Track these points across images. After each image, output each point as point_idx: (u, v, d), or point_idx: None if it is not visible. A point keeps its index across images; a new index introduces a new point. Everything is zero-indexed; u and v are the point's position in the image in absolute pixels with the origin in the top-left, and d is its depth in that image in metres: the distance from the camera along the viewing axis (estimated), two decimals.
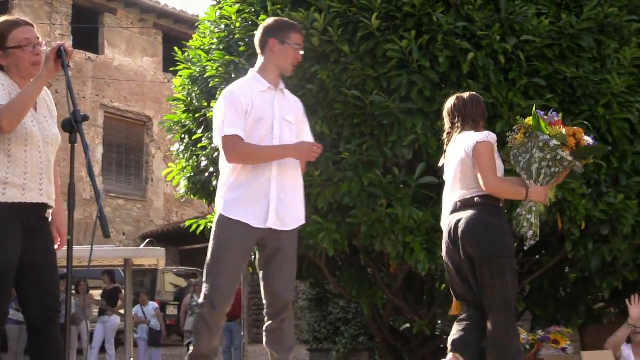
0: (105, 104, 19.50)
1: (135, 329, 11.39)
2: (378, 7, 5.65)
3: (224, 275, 3.83)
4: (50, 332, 3.43)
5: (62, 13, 18.86)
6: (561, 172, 4.34)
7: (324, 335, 11.55)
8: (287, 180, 3.95)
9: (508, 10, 5.63)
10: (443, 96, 5.56)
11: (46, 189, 3.47)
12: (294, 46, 4.03)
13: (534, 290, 7.21)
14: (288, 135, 3.98)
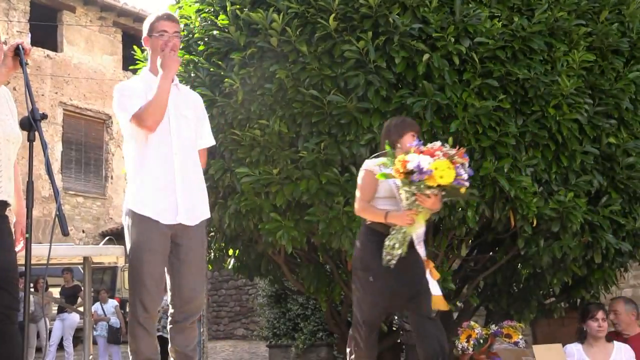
0: (64, 101, 19.24)
1: (94, 326, 11.27)
2: (335, 8, 5.67)
3: (147, 278, 3.77)
4: (8, 330, 3.38)
5: (19, 10, 18.54)
6: (417, 198, 4.22)
7: (283, 332, 11.58)
8: (189, 175, 3.91)
9: (462, 12, 5.69)
10: (399, 96, 5.62)
11: (5, 186, 3.43)
12: (156, 34, 3.94)
13: (487, 286, 7.32)
14: (185, 131, 3.94)
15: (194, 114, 4.04)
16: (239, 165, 5.92)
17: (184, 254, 3.85)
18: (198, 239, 3.93)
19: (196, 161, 3.98)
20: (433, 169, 4.12)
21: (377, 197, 4.55)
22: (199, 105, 4.16)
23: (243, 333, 16.82)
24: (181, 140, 3.90)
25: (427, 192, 4.18)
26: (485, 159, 5.66)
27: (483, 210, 5.79)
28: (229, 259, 7.54)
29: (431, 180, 4.13)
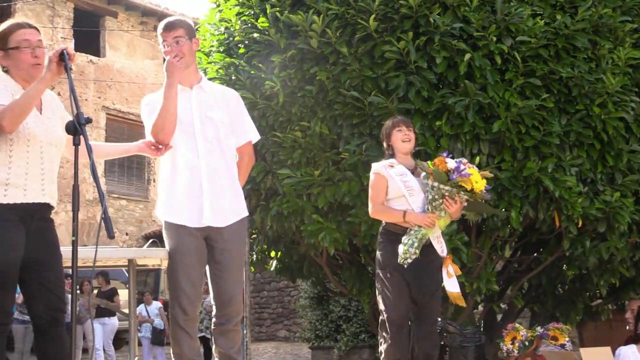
0: (107, 106, 19.50)
1: (139, 328, 11.39)
2: (376, 8, 5.66)
3: (183, 281, 3.78)
4: (56, 332, 3.44)
5: (63, 16, 18.87)
6: (444, 202, 4.36)
7: (326, 333, 11.57)
8: (219, 179, 3.86)
9: (504, 11, 5.64)
10: (440, 96, 5.59)
11: (48, 189, 3.48)
12: (161, 47, 3.95)
13: (532, 288, 7.24)
14: (211, 132, 3.88)
15: (225, 112, 3.97)
16: (281, 167, 5.95)
17: (219, 255, 3.84)
18: (234, 240, 3.89)
19: (228, 161, 3.93)
20: (471, 173, 4.32)
21: (388, 198, 4.56)
22: (232, 102, 4.07)
23: (285, 335, 16.86)
24: (207, 143, 3.86)
25: (457, 197, 4.33)
26: (528, 159, 5.61)
27: (527, 211, 5.73)
28: (271, 261, 7.57)
29: (467, 182, 4.30)
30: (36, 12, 17.76)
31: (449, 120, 5.59)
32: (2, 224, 3.30)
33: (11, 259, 3.30)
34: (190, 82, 3.94)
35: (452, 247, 5.55)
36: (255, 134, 4.16)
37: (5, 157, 3.34)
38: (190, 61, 3.94)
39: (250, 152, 4.14)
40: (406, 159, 4.63)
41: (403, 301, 4.52)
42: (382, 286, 4.57)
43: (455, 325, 6.00)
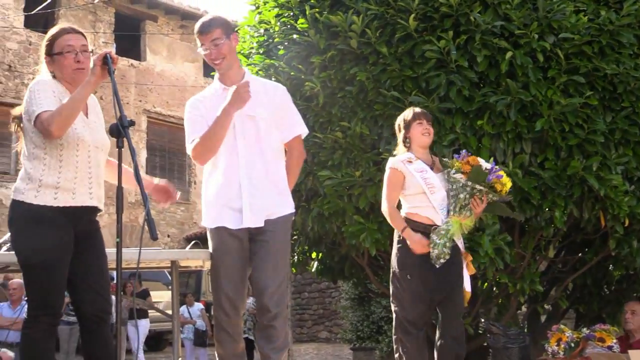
0: (148, 109, 19.72)
1: (181, 330, 11.48)
2: (415, 8, 5.64)
3: (223, 281, 3.77)
4: (102, 332, 3.49)
5: (105, 21, 19.14)
6: (472, 201, 4.37)
7: (367, 334, 11.57)
8: (258, 178, 3.81)
9: (546, 8, 5.57)
10: (482, 95, 5.55)
11: (96, 192, 3.53)
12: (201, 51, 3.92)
13: (577, 288, 7.14)
14: (251, 131, 3.84)
15: (268, 109, 3.90)
16: (321, 168, 5.95)
17: (258, 246, 3.80)
18: (274, 232, 3.80)
19: (267, 159, 3.86)
20: (502, 175, 4.37)
21: (407, 194, 4.52)
22: (277, 97, 4.00)
23: (326, 336, 16.88)
24: (246, 142, 3.84)
25: (484, 197, 4.35)
26: (572, 157, 5.53)
27: (571, 210, 5.64)
28: (312, 262, 7.57)
29: (499, 183, 4.34)
30: (78, 18, 18.03)
31: (490, 119, 5.54)
32: (52, 227, 3.36)
33: (61, 260, 3.36)
34: (232, 81, 3.89)
35: (495, 247, 5.50)
36: (303, 128, 4.08)
37: (55, 161, 3.40)
38: (232, 61, 3.92)
39: (300, 147, 4.07)
40: (424, 153, 4.58)
41: (420, 303, 4.49)
42: (399, 286, 4.52)
43: (499, 326, 5.94)
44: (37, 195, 3.37)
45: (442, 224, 4.39)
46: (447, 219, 4.41)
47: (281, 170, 3.93)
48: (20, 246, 3.40)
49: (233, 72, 3.91)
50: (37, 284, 3.37)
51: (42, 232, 3.35)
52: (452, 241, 4.39)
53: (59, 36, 3.56)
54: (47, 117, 3.28)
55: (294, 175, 4.09)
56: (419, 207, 4.47)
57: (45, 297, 3.37)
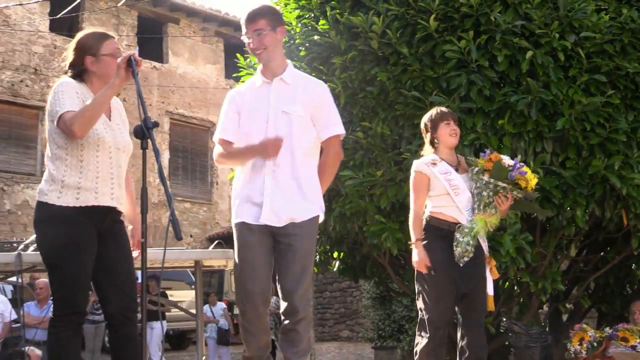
0: (171, 110, 19.81)
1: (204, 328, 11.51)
2: (436, 8, 5.63)
3: (245, 277, 3.66)
4: (129, 331, 3.51)
5: (128, 24, 19.25)
6: (497, 199, 4.33)
7: (388, 333, 11.54)
8: (284, 175, 3.67)
9: (567, 7, 5.54)
10: (502, 95, 5.52)
11: (117, 193, 3.56)
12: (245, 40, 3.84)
13: (599, 287, 7.08)
14: (284, 128, 3.68)
15: (304, 106, 3.75)
16: (343, 168, 5.92)
17: (282, 250, 3.67)
18: (299, 236, 3.65)
19: (296, 157, 3.70)
20: (526, 171, 4.32)
21: (432, 195, 4.49)
22: (316, 95, 3.81)
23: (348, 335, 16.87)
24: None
25: (509, 195, 4.31)
26: (594, 156, 5.49)
27: (593, 209, 5.61)
28: (334, 262, 7.57)
29: (523, 180, 4.29)
30: (102, 21, 18.16)
31: (511, 119, 5.52)
32: (75, 227, 3.39)
33: (84, 260, 3.39)
34: (273, 74, 3.80)
35: (517, 247, 5.48)
36: (340, 128, 3.87)
37: (76, 162, 3.43)
38: (274, 53, 3.78)
39: (336, 147, 3.88)
40: (450, 154, 4.54)
41: (445, 301, 4.44)
42: (424, 285, 4.48)
43: (521, 325, 5.92)
44: (59, 196, 3.39)
45: (467, 223, 4.37)
46: (472, 217, 4.39)
47: (311, 171, 3.78)
48: (44, 246, 3.43)
49: (275, 64, 3.79)
50: (61, 283, 3.40)
51: (65, 233, 3.37)
52: (476, 240, 4.37)
53: (107, 38, 3.61)
54: (70, 117, 3.31)
55: (329, 175, 3.94)
56: (444, 206, 4.44)
57: (70, 297, 3.39)
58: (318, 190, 3.81)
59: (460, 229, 4.35)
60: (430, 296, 4.45)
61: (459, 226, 4.37)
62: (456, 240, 4.34)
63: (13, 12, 17.43)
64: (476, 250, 4.37)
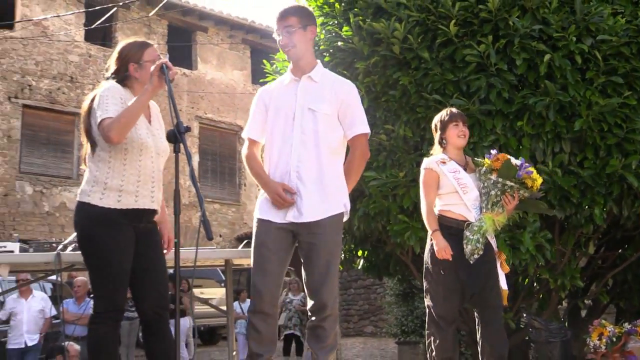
0: (200, 115, 19.91)
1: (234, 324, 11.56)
2: (455, 14, 5.60)
3: (257, 274, 3.57)
4: (162, 327, 3.53)
5: (159, 33, 19.39)
6: (504, 198, 4.33)
7: (411, 329, 11.49)
8: (308, 173, 3.59)
9: (583, 11, 5.49)
10: (521, 97, 5.49)
11: (156, 196, 3.58)
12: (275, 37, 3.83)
13: (617, 284, 7.00)
14: (310, 124, 3.61)
15: (331, 104, 3.67)
16: (367, 169, 5.91)
17: (306, 249, 3.59)
18: (323, 234, 3.57)
19: (322, 155, 3.62)
20: (532, 171, 4.31)
21: (440, 193, 4.47)
22: (342, 94, 3.72)
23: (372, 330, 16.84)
24: (303, 135, 3.62)
25: (515, 194, 4.29)
26: (611, 156, 5.43)
27: (610, 208, 5.55)
28: (358, 260, 7.57)
29: (529, 179, 4.28)
30: (134, 30, 18.30)
31: (530, 120, 5.47)
32: (116, 228, 3.41)
33: (123, 260, 3.41)
34: (302, 71, 3.74)
35: (536, 244, 5.44)
36: (366, 127, 3.77)
37: (120, 165, 3.45)
38: (304, 50, 3.72)
39: (362, 146, 3.77)
40: (458, 154, 4.53)
41: (453, 298, 4.43)
42: (432, 282, 4.46)
43: (541, 321, 5.87)
44: (102, 197, 3.41)
45: (475, 221, 4.35)
46: (480, 216, 4.37)
47: (337, 169, 3.70)
48: (85, 246, 3.45)
49: (304, 62, 3.74)
50: (101, 282, 3.43)
51: (106, 233, 3.40)
52: (485, 237, 4.35)
53: (148, 46, 3.67)
54: (108, 123, 3.34)
55: (356, 173, 3.86)
56: (452, 204, 4.43)
57: (110, 295, 3.42)
58: (343, 189, 3.73)
59: (470, 227, 4.33)
60: (438, 294, 4.43)
61: (468, 224, 4.36)
62: (466, 238, 4.32)
63: (51, 24, 17.62)
64: (485, 247, 4.36)
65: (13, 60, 17.20)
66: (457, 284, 4.40)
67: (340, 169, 3.75)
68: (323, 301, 3.55)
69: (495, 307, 4.46)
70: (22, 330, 8.84)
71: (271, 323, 3.60)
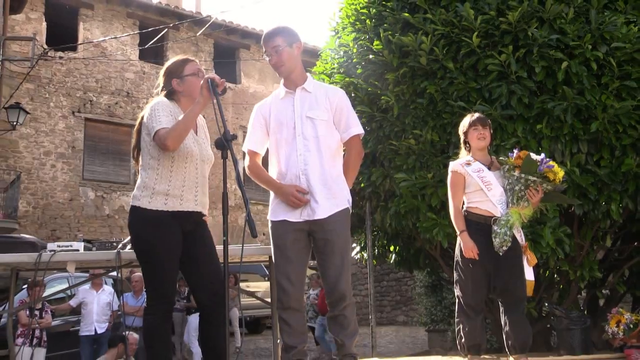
0: (244, 125, 20.01)
1: None
2: (478, 26, 5.55)
3: (281, 275, 3.56)
4: (217, 315, 3.49)
5: (205, 51, 19.57)
6: (528, 192, 4.26)
7: (440, 318, 11.41)
8: (314, 175, 3.58)
9: (598, 21, 5.39)
10: (540, 102, 5.41)
11: (201, 199, 3.59)
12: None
13: (633, 274, 6.86)
14: (310, 130, 3.61)
15: (326, 111, 3.67)
16: (397, 171, 5.91)
17: (321, 244, 3.56)
18: (334, 230, 3.55)
19: (324, 157, 3.62)
20: (553, 165, 4.26)
21: (467, 192, 4.43)
22: (335, 99, 3.72)
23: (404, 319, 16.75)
24: (305, 141, 3.61)
25: (539, 187, 4.23)
26: (626, 155, 5.33)
27: (626, 204, 5.44)
28: (390, 255, 7.53)
29: (551, 172, 4.22)
30: (183, 49, 18.49)
31: (549, 124, 5.39)
32: (164, 228, 3.43)
33: (171, 257, 3.43)
34: (295, 84, 3.74)
35: (556, 239, 5.35)
36: (358, 129, 3.76)
37: (167, 171, 3.47)
38: (293, 66, 3.71)
39: (357, 145, 3.78)
40: (482, 155, 4.49)
41: (480, 289, 4.40)
42: (462, 274, 4.44)
43: (562, 310, 5.78)
44: (150, 201, 3.43)
45: (502, 216, 4.30)
46: (507, 210, 4.32)
47: (337, 169, 3.70)
48: (137, 246, 3.48)
49: (295, 75, 3.73)
50: (152, 277, 3.44)
51: (154, 233, 3.42)
52: (512, 231, 4.29)
53: (187, 62, 3.67)
54: (164, 133, 3.36)
55: (353, 171, 3.86)
56: (478, 201, 4.40)
57: (160, 288, 3.44)
58: (345, 186, 3.72)
59: (498, 222, 4.29)
60: (467, 285, 4.41)
61: (494, 219, 4.31)
62: (494, 232, 4.28)
63: (109, 45, 17.89)
64: (512, 241, 4.30)
65: (76, 79, 17.50)
66: (484, 276, 4.37)
67: (340, 168, 3.74)
68: (342, 292, 3.53)
69: (518, 298, 4.40)
70: (92, 319, 8.97)
71: (300, 317, 3.60)
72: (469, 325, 4.41)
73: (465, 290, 4.42)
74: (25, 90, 16.55)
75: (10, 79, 16.08)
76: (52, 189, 16.85)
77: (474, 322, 4.41)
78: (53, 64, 17.21)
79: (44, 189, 16.75)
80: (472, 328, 4.41)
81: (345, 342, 3.56)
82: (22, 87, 16.23)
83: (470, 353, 4.44)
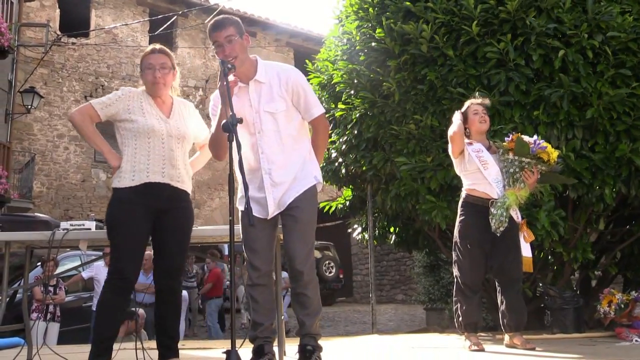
0: None
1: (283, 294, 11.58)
2: (477, 15, 5.50)
3: (249, 252, 3.38)
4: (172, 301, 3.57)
5: None
6: (523, 174, 4.28)
7: (437, 297, 11.44)
8: (278, 170, 3.38)
9: (594, 10, 5.34)
10: (537, 89, 5.37)
11: (169, 172, 3.50)
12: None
13: (625, 257, 6.86)
14: (269, 124, 3.37)
15: (283, 99, 3.40)
16: (398, 155, 5.89)
17: (287, 220, 3.37)
18: (299, 207, 3.34)
19: (286, 149, 3.39)
20: (546, 146, 4.26)
21: (466, 172, 4.44)
22: (290, 83, 3.44)
23: (402, 298, 16.81)
24: (266, 137, 3.39)
25: (534, 169, 4.24)
26: (620, 141, 5.30)
27: (619, 188, 5.42)
28: (390, 236, 7.53)
29: (544, 153, 4.22)
30: (192, 36, 18.41)
31: (545, 110, 5.36)
32: (127, 206, 3.39)
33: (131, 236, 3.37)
34: (247, 77, 3.42)
35: (551, 222, 5.34)
36: (320, 109, 3.50)
37: (131, 150, 3.48)
38: (244, 57, 3.40)
39: (323, 123, 3.54)
40: (482, 139, 4.50)
41: (478, 269, 4.42)
42: (460, 255, 4.45)
43: (555, 290, 5.77)
44: (120, 180, 3.44)
45: (499, 197, 4.29)
46: (504, 193, 4.31)
47: (301, 152, 3.47)
48: (105, 224, 3.49)
49: (246, 67, 3.41)
50: (112, 253, 3.43)
51: (117, 213, 3.41)
52: (509, 212, 4.29)
53: (145, 56, 3.61)
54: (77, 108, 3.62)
55: (322, 147, 3.60)
56: (477, 183, 4.40)
57: (116, 264, 3.38)
58: (313, 164, 3.50)
59: (495, 204, 4.28)
60: (465, 265, 4.42)
61: (492, 201, 4.30)
62: (491, 214, 4.28)
63: (120, 32, 17.81)
64: (509, 222, 4.29)
65: (88, 64, 17.45)
66: (482, 257, 4.37)
67: (305, 149, 3.50)
68: (299, 267, 3.31)
69: (514, 278, 4.41)
70: None
71: (268, 293, 3.44)
72: (466, 304, 4.42)
73: (463, 270, 4.42)
74: (39, 75, 16.51)
75: (25, 64, 16.05)
76: (65, 171, 16.86)
77: (471, 301, 4.42)
78: (66, 50, 17.15)
79: (58, 170, 16.77)
80: (469, 307, 4.41)
81: (306, 322, 3.37)
82: (37, 72, 16.20)
83: (467, 331, 4.45)
